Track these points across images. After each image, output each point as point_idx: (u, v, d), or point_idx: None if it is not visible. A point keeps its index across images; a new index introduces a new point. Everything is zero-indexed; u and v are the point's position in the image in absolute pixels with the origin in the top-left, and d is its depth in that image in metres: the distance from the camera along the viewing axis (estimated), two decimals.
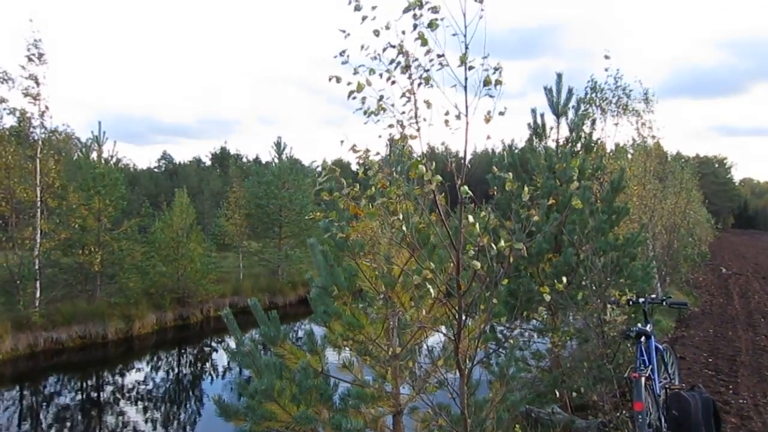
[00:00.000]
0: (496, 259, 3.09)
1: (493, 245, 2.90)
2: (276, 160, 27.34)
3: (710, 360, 9.11)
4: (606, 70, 13.46)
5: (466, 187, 2.86)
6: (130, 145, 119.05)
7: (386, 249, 3.93)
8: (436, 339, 4.35)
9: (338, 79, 2.94)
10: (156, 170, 64.63)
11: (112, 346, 16.61)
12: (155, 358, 16.39)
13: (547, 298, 3.17)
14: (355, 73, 2.77)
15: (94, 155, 20.37)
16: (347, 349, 3.99)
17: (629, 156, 14.50)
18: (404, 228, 3.05)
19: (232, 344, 4.06)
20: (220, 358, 16.13)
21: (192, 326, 19.65)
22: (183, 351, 17.52)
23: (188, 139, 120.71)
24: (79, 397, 12.81)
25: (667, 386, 4.90)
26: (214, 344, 18.27)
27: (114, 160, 20.71)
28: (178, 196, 20.44)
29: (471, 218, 2.88)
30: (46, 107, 16.02)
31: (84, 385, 13.80)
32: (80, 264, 17.63)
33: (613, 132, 13.09)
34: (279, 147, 27.24)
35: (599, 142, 10.57)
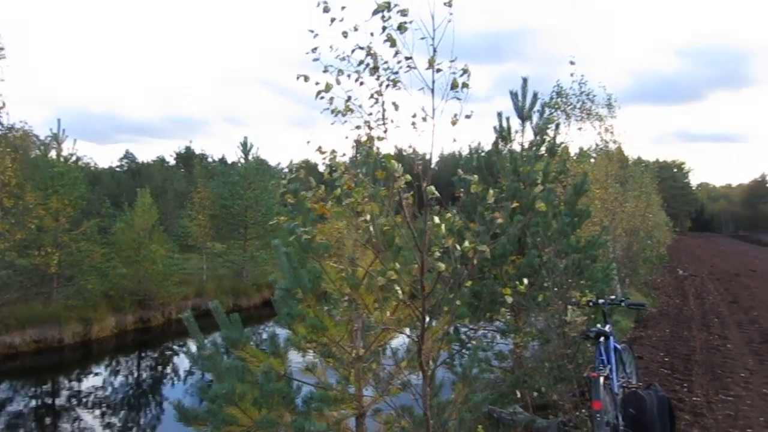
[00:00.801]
0: (461, 261, 3.11)
1: (458, 246, 2.93)
2: (242, 161, 27.03)
3: (666, 359, 9.37)
4: (571, 75, 13.73)
5: (432, 188, 2.88)
6: (91, 143, 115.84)
7: (351, 250, 3.92)
8: (400, 341, 4.35)
9: (306, 78, 2.93)
10: (118, 169, 63.10)
11: (69, 351, 16.12)
12: (114, 363, 15.99)
13: (510, 299, 3.21)
14: (325, 71, 2.76)
15: (53, 153, 19.76)
16: (311, 351, 3.97)
17: (592, 160, 14.82)
18: (371, 229, 3.04)
19: (194, 347, 3.99)
20: (182, 361, 15.83)
21: (153, 329, 19.24)
22: (143, 355, 17.13)
23: (152, 138, 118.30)
24: (33, 403, 12.40)
25: (624, 385, 5.02)
26: (175, 348, 17.93)
27: (74, 158, 20.11)
28: (140, 196, 20.02)
29: (437, 220, 2.90)
30: (3, 103, 15.47)
31: (38, 390, 13.36)
32: (36, 266, 17.08)
33: (576, 136, 13.38)
34: (245, 147, 26.96)
35: (563, 146, 10.78)
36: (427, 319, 3.04)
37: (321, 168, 3.30)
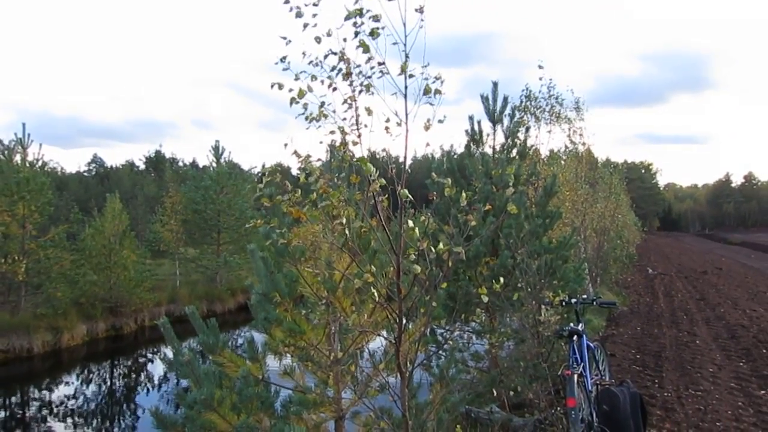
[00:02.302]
0: (436, 263, 3.16)
1: (433, 249, 2.98)
2: (214, 165, 26.75)
3: (638, 356, 9.59)
4: (540, 79, 13.96)
5: (406, 191, 2.92)
6: (56, 147, 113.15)
7: (327, 254, 3.94)
8: (377, 343, 4.38)
9: (281, 86, 2.94)
10: (86, 174, 61.86)
11: (38, 360, 15.74)
12: (86, 371, 15.66)
13: (485, 299, 3.26)
14: (296, 79, 2.78)
15: (17, 158, 19.27)
16: (288, 355, 3.97)
17: (562, 162, 15.08)
18: (346, 232, 3.07)
19: (169, 354, 3.96)
20: (156, 368, 15.59)
21: (126, 337, 18.90)
22: (116, 363, 16.82)
23: (119, 142, 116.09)
24: (1, 414, 12.07)
25: (598, 382, 5.13)
26: (149, 355, 17.65)
27: (40, 163, 19.65)
28: (109, 201, 19.65)
29: (411, 223, 2.94)
30: None
31: (7, 401, 13.01)
32: (2, 274, 16.64)
33: (546, 139, 13.58)
34: (217, 151, 26.69)
35: (533, 148, 10.96)
36: (404, 321, 3.08)
37: (295, 172, 3.31)
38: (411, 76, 2.88)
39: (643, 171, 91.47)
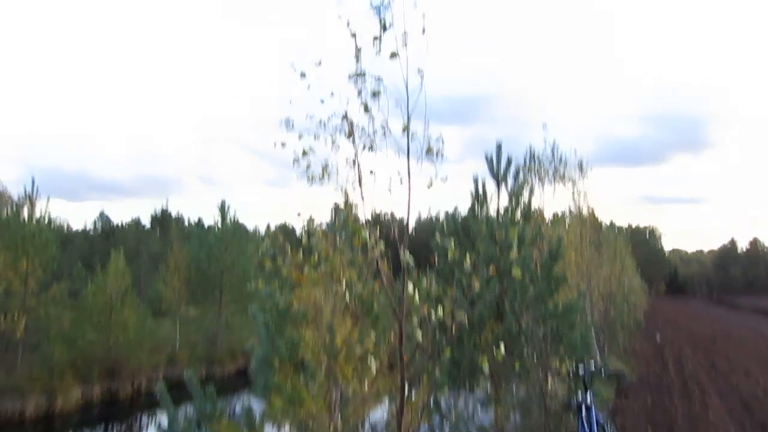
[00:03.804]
0: (439, 328, 3.08)
1: (435, 314, 2.90)
2: (219, 224, 26.85)
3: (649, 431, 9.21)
4: (544, 140, 14.09)
5: (408, 254, 2.88)
6: (62, 200, 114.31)
7: (329, 318, 3.86)
8: (379, 413, 4.22)
9: (283, 145, 2.96)
10: (91, 232, 62.17)
11: (29, 425, 15.24)
12: None
13: (486, 369, 3.16)
14: (300, 137, 2.81)
15: (25, 213, 19.38)
16: (287, 425, 3.82)
17: (566, 224, 15.04)
18: (347, 297, 3.01)
19: (165, 422, 3.82)
20: None
21: (121, 402, 18.34)
22: (110, 430, 16.24)
23: (126, 197, 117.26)
24: None
25: None
26: (145, 421, 17.09)
27: (46, 219, 19.76)
28: (113, 258, 19.61)
29: (411, 288, 2.88)
30: None
31: None
32: (1, 332, 16.40)
33: (550, 200, 13.59)
34: (223, 210, 26.85)
35: (538, 209, 10.96)
36: (407, 389, 2.97)
37: (299, 232, 3.29)
38: (413, 135, 2.90)
39: (647, 235, 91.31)
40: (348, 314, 3.30)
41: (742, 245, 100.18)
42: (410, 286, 2.89)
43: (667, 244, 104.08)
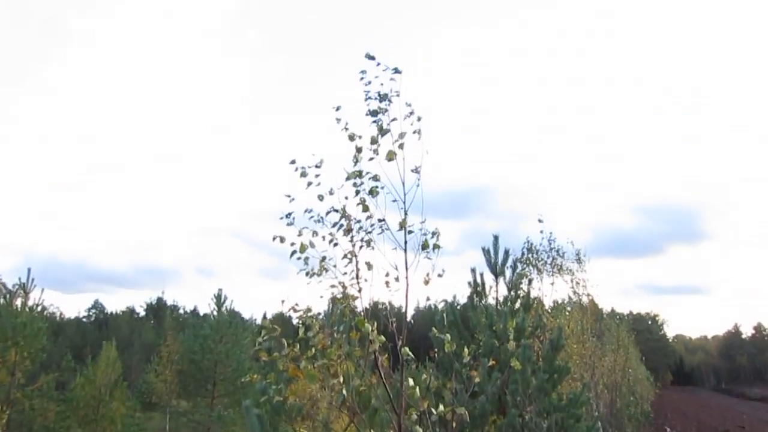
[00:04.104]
0: (439, 423, 2.98)
1: (434, 411, 2.83)
2: (215, 313, 26.50)
3: None
4: (541, 232, 14.27)
5: (407, 349, 2.85)
6: (58, 292, 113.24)
7: (325, 413, 3.75)
8: None
9: (282, 239, 3.01)
10: (85, 320, 61.21)
11: None
12: None
13: None
14: (299, 234, 2.86)
15: (18, 302, 19.15)
16: None
17: (566, 313, 14.89)
18: (344, 391, 2.95)
19: None
20: None
21: None
22: None
23: (122, 288, 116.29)
24: None
25: None
26: None
27: (39, 308, 19.50)
28: (105, 348, 19.19)
29: (411, 382, 2.83)
30: None
31: None
32: None
33: (549, 291, 13.55)
34: (219, 299, 26.57)
35: (537, 300, 10.89)
36: None
37: (296, 321, 3.28)
38: (410, 232, 2.96)
39: (649, 322, 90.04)
40: (345, 409, 3.21)
41: (746, 330, 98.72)
42: (410, 381, 2.84)
43: (670, 331, 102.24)
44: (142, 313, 64.18)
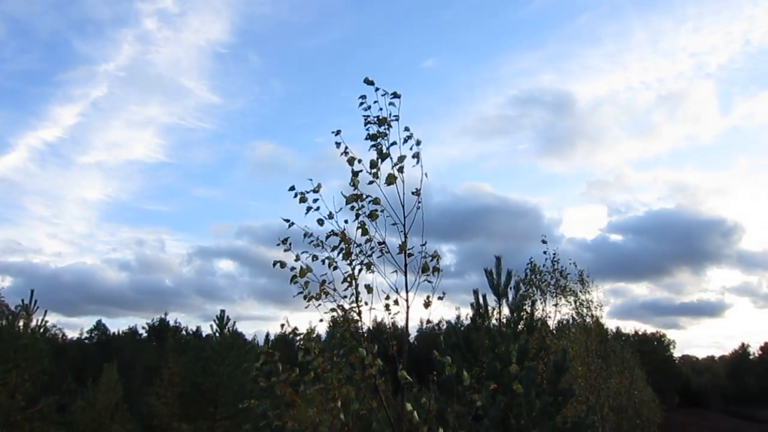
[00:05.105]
0: None
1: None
2: (217, 334, 26.35)
3: None
4: (544, 253, 14.21)
5: (404, 373, 2.82)
6: (59, 315, 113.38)
7: None
8: None
9: (282, 265, 3.00)
10: (87, 341, 60.97)
11: None
12: None
13: None
14: (297, 259, 2.85)
15: (21, 323, 19.08)
16: None
17: (570, 334, 14.76)
18: (343, 416, 2.92)
19: None
20: None
21: None
22: None
23: (125, 310, 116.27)
24: None
25: None
26: None
27: (41, 330, 19.42)
28: (106, 371, 19.08)
29: (409, 406, 2.79)
30: None
31: None
32: None
33: (553, 312, 13.46)
34: (221, 321, 26.44)
35: (541, 322, 10.80)
36: None
37: (297, 345, 3.25)
38: (410, 255, 2.95)
39: (655, 342, 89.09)
40: None
41: (754, 350, 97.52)
42: (408, 406, 2.80)
43: (676, 350, 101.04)
44: (144, 335, 63.89)
